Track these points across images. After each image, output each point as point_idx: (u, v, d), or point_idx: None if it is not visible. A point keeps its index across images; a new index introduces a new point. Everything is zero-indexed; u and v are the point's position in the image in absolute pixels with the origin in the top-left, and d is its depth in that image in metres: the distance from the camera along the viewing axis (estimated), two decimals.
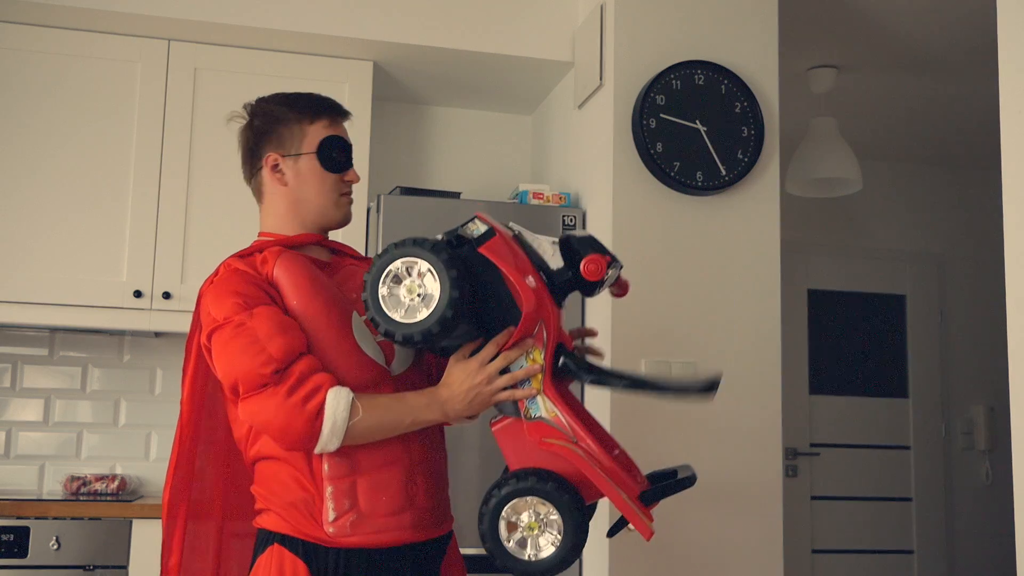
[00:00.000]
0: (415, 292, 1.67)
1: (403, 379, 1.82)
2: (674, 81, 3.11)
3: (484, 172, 3.93)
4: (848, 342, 5.20)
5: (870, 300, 5.26)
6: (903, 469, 5.15)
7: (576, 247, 1.75)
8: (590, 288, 1.77)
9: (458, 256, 1.68)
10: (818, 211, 5.15)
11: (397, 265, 1.68)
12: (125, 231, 3.20)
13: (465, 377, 1.72)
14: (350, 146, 1.91)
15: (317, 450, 1.67)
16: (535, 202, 3.29)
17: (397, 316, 1.66)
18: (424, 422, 1.74)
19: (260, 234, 1.91)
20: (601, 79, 3.17)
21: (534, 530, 1.69)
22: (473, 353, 1.75)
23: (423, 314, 1.65)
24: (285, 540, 1.73)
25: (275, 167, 1.87)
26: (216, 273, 1.81)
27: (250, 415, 1.67)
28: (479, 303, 1.70)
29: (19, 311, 3.11)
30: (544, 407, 1.73)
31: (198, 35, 3.28)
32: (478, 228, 1.73)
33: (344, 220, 1.91)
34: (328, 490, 1.70)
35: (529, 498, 1.68)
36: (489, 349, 1.72)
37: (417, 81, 3.67)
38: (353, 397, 1.67)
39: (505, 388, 1.73)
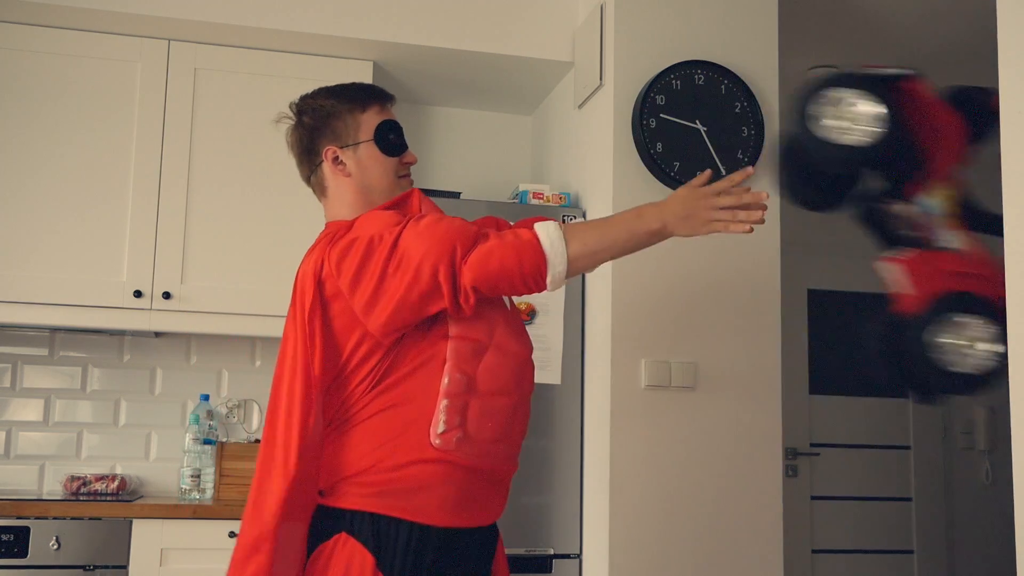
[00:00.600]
0: (844, 119, 1.79)
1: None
2: (674, 81, 3.11)
3: (484, 172, 3.93)
4: (848, 342, 5.19)
5: (870, 300, 5.25)
6: (903, 469, 5.14)
7: (974, 95, 1.92)
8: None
9: (888, 94, 1.79)
10: None
11: (832, 94, 1.80)
12: (125, 231, 3.20)
13: (688, 192, 1.82)
14: (401, 128, 1.95)
15: (553, 275, 1.75)
16: (535, 202, 3.29)
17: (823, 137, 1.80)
18: (641, 232, 1.80)
19: (330, 224, 1.94)
20: (601, 79, 3.17)
21: (972, 344, 1.84)
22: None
23: (848, 140, 1.78)
24: (354, 522, 1.72)
25: (336, 160, 1.91)
26: (343, 230, 1.84)
27: (480, 264, 1.72)
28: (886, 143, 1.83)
29: (19, 311, 3.11)
30: (956, 240, 1.85)
31: (198, 35, 3.28)
32: (897, 71, 1.85)
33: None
34: (443, 403, 1.75)
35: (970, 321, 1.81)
36: (723, 183, 1.83)
37: (417, 81, 3.66)
38: (556, 225, 1.77)
39: (722, 219, 1.82)
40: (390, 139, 1.91)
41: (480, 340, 1.80)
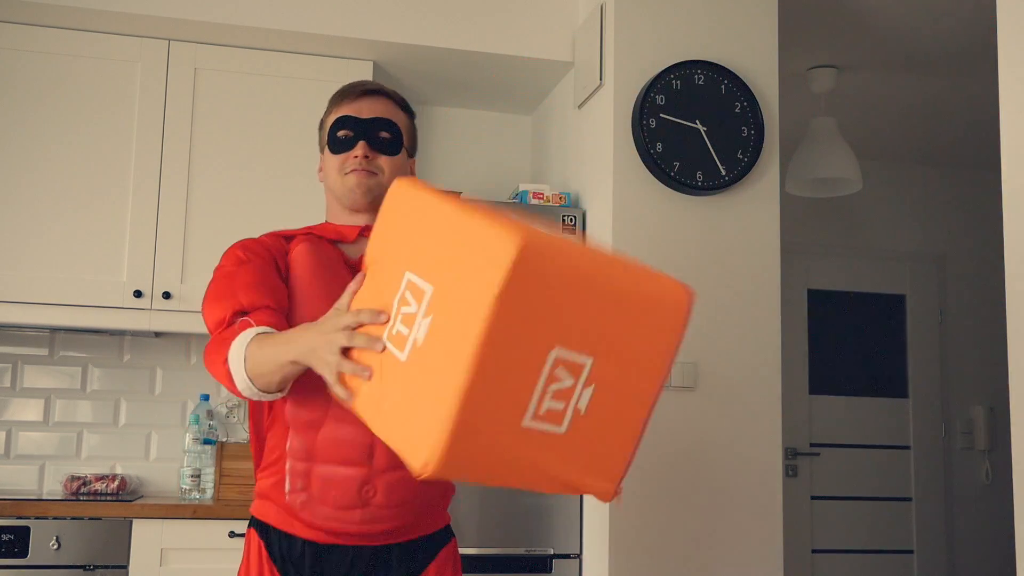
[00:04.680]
0: None
1: None
2: (674, 81, 3.11)
3: (484, 172, 3.93)
4: (848, 342, 5.20)
5: (870, 300, 5.25)
6: (903, 469, 5.15)
7: None
8: None
9: None
10: (818, 211, 5.15)
11: None
12: (125, 231, 3.20)
13: (319, 322, 1.52)
14: (360, 120, 1.80)
15: (244, 390, 1.60)
16: (535, 202, 3.29)
17: None
18: (284, 360, 1.54)
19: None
20: (601, 79, 3.17)
21: None
22: None
23: None
24: (256, 524, 1.78)
25: (320, 169, 1.89)
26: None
27: (205, 358, 1.67)
28: None
29: (19, 311, 3.11)
30: None
31: (198, 35, 3.28)
32: None
33: (349, 196, 1.81)
34: (288, 464, 1.73)
35: None
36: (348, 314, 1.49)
37: (417, 81, 3.66)
38: (255, 335, 1.59)
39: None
40: (337, 136, 1.81)
41: (313, 416, 1.71)
